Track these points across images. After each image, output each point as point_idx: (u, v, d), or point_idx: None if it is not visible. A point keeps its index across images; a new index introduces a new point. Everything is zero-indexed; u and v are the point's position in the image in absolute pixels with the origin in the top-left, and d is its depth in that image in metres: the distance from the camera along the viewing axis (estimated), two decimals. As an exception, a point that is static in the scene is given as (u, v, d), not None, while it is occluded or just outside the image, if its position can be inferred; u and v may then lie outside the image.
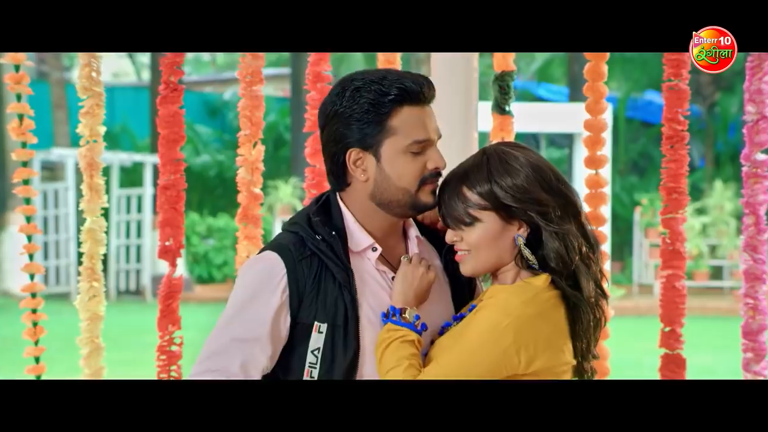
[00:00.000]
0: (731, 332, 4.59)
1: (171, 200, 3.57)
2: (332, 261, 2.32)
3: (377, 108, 2.29)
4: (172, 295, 3.57)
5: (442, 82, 3.34)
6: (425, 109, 2.33)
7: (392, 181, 2.32)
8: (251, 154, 3.66)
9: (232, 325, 2.33)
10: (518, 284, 2.32)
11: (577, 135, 13.89)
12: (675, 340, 3.41)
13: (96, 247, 3.57)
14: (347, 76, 2.34)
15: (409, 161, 2.32)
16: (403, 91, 2.29)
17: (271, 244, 2.38)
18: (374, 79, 2.30)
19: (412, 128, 2.30)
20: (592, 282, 2.34)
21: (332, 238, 2.33)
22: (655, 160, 18.61)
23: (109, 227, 15.43)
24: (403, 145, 2.31)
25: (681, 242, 3.42)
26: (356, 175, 2.34)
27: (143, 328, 11.18)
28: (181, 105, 3.59)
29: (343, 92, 2.31)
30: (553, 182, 2.33)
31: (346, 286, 2.30)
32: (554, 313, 2.29)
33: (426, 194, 2.34)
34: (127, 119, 20.47)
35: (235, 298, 2.36)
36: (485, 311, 2.27)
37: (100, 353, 3.60)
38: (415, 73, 2.33)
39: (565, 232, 2.31)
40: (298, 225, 2.37)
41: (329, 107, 2.33)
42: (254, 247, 3.65)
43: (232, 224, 16.71)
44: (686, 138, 3.40)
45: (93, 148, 3.57)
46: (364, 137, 2.30)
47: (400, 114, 2.30)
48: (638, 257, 16.52)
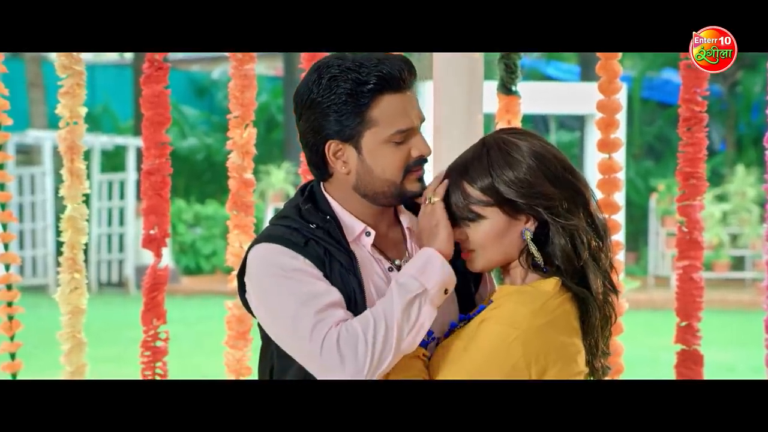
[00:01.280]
0: (753, 327, 4.61)
1: (156, 186, 3.58)
2: (332, 245, 2.32)
3: (356, 98, 2.29)
4: (157, 287, 3.57)
5: (443, 62, 3.36)
6: (406, 94, 2.33)
7: (375, 174, 2.34)
8: (242, 138, 3.66)
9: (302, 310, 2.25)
10: (526, 291, 2.31)
11: (589, 117, 13.87)
12: (692, 336, 3.42)
13: (77, 236, 3.58)
14: (323, 61, 2.33)
15: (392, 151, 2.32)
16: (382, 80, 2.29)
17: (260, 239, 2.36)
18: (351, 66, 2.29)
19: (394, 117, 2.31)
20: (600, 278, 2.35)
21: (328, 223, 2.34)
22: (672, 143, 18.60)
23: (90, 215, 15.47)
24: (384, 136, 2.31)
25: (699, 231, 3.43)
26: (337, 167, 2.35)
27: (126, 322, 11.20)
28: (166, 84, 3.59)
29: (319, 80, 2.31)
30: (559, 172, 2.32)
31: (351, 269, 2.32)
32: (565, 320, 2.29)
33: (412, 182, 2.36)
34: (109, 99, 20.47)
35: (271, 297, 2.30)
36: (492, 325, 2.26)
37: (82, 349, 3.61)
38: (394, 57, 2.32)
39: (573, 228, 2.31)
40: (289, 218, 2.37)
41: (305, 95, 2.33)
42: (246, 237, 3.65)
43: (221, 212, 16.72)
44: (705, 120, 3.41)
45: (74, 130, 3.57)
46: (343, 129, 2.31)
47: (380, 103, 2.30)
48: (654, 247, 16.53)
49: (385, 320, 2.22)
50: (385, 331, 2.21)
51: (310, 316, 2.23)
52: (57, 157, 3.53)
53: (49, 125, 16.83)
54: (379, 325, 2.22)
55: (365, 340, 2.20)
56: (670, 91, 19.77)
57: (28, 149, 16.42)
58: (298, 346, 2.26)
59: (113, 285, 15.85)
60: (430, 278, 2.27)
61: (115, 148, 16.74)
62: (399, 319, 2.22)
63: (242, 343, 3.66)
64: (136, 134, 16.20)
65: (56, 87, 3.57)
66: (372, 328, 2.21)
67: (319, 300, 2.25)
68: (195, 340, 10.33)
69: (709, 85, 3.40)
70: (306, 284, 2.27)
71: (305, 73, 2.39)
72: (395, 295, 2.24)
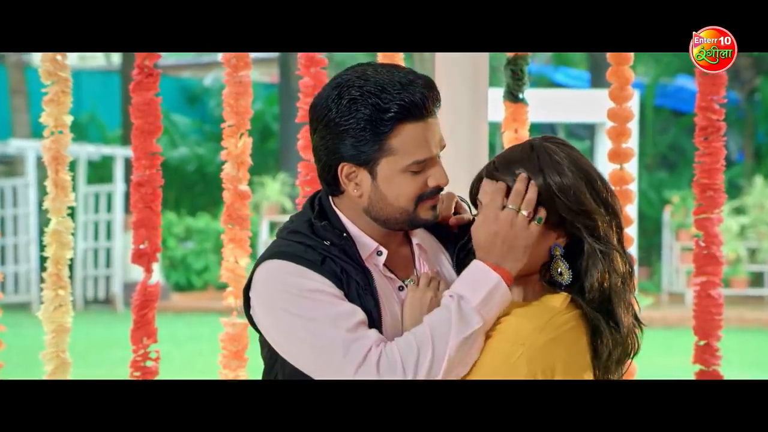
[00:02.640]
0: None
1: (146, 198, 3.58)
2: (348, 264, 2.33)
3: (375, 126, 2.28)
4: (146, 305, 3.57)
5: (447, 67, 3.36)
6: (428, 122, 2.32)
7: (388, 201, 2.34)
8: (237, 147, 3.67)
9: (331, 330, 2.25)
10: (533, 306, 2.30)
11: (599, 125, 13.89)
12: (711, 356, 3.42)
13: (62, 250, 3.57)
14: (344, 78, 2.32)
15: (408, 181, 2.33)
16: (403, 108, 2.28)
17: (272, 254, 2.36)
18: (373, 90, 2.28)
19: (414, 147, 2.31)
20: (625, 309, 2.32)
21: (343, 240, 2.35)
22: (687, 153, 18.61)
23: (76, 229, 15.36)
24: (402, 166, 2.32)
25: (717, 245, 3.42)
26: (349, 188, 2.36)
27: (114, 341, 11.19)
28: (156, 91, 3.59)
29: (339, 99, 2.30)
30: (603, 191, 2.32)
31: (367, 289, 2.32)
32: (572, 337, 2.28)
33: (425, 210, 2.36)
34: (96, 107, 20.47)
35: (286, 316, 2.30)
36: (495, 341, 2.25)
37: (67, 370, 3.60)
38: (417, 81, 2.31)
39: (609, 252, 2.30)
40: (301, 234, 2.37)
41: (322, 112, 2.33)
42: (241, 252, 3.65)
43: (213, 225, 16.73)
44: (722, 128, 3.41)
45: (59, 139, 3.57)
46: (359, 154, 2.31)
47: (400, 132, 2.30)
48: (668, 262, 16.53)
49: (432, 350, 2.21)
50: (430, 363, 2.21)
51: (342, 335, 2.23)
52: (41, 168, 3.53)
53: (32, 134, 16.82)
54: (424, 353, 2.21)
55: (406, 368, 2.20)
56: (685, 99, 19.78)
57: (10, 160, 16.43)
58: (321, 364, 2.26)
59: (100, 302, 15.84)
60: (491, 310, 2.26)
61: (102, 159, 16.74)
62: (452, 356, 2.22)
63: (237, 363, 3.65)
64: (124, 144, 16.21)
65: (40, 94, 3.57)
66: (415, 355, 2.21)
67: (349, 319, 2.25)
68: (186, 360, 10.32)
69: (726, 92, 3.40)
70: (331, 305, 2.27)
71: (325, 85, 2.36)
72: (453, 327, 2.23)
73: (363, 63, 2.36)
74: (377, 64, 2.35)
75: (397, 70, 2.32)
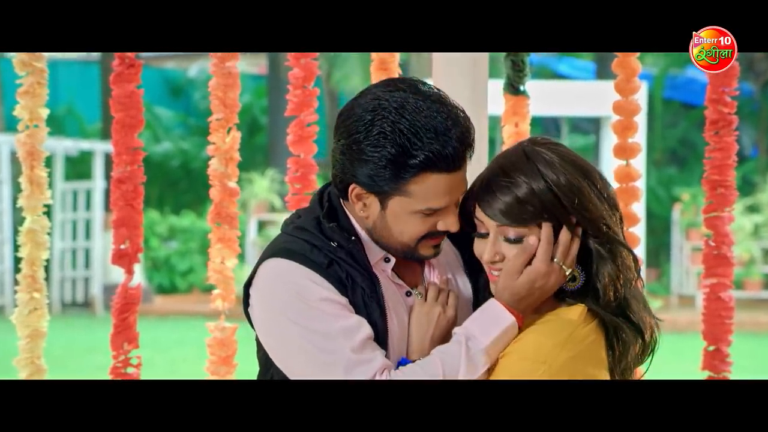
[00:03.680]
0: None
1: (127, 196, 3.58)
2: (355, 269, 2.35)
3: (397, 168, 2.29)
4: (128, 308, 3.57)
5: (445, 58, 3.36)
6: (454, 175, 2.32)
7: (392, 233, 2.37)
8: (225, 142, 3.67)
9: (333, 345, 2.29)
10: (550, 321, 2.32)
11: (605, 119, 13.91)
12: (721, 362, 3.42)
13: (37, 251, 3.57)
14: (383, 104, 2.30)
15: (417, 222, 2.35)
16: (430, 160, 2.28)
17: (277, 251, 2.38)
18: (406, 130, 2.27)
19: (432, 196, 2.32)
20: (642, 304, 2.35)
21: (351, 243, 2.37)
22: (697, 148, 18.62)
23: (52, 228, 15.36)
24: (415, 209, 2.34)
25: (728, 245, 3.43)
26: (356, 207, 2.38)
27: (93, 346, 11.19)
28: (138, 83, 3.59)
29: (370, 126, 2.30)
30: (602, 186, 2.33)
31: (374, 296, 2.34)
32: (592, 351, 2.30)
33: (426, 248, 2.39)
34: (73, 100, 20.46)
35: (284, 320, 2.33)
36: (514, 360, 2.27)
37: (42, 376, 3.60)
38: (455, 129, 2.29)
39: (618, 250, 2.32)
40: (308, 232, 2.38)
41: (350, 129, 2.33)
42: (229, 252, 3.65)
43: (199, 224, 16.71)
44: (734, 122, 3.41)
45: (34, 134, 3.57)
46: (374, 184, 2.33)
47: (422, 180, 2.31)
48: (677, 263, 16.54)
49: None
50: None
51: (346, 354, 2.27)
52: (15, 163, 3.52)
53: (6, 128, 16.81)
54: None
55: None
56: (695, 91, 19.78)
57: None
58: (317, 373, 2.28)
59: (78, 305, 15.83)
60: (500, 349, 2.31)
61: (81, 154, 16.72)
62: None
63: (225, 369, 3.65)
64: (104, 138, 16.19)
65: (14, 86, 3.57)
66: None
67: (354, 336, 2.28)
68: (170, 367, 10.32)
69: (739, 83, 3.41)
70: (336, 317, 2.29)
71: (363, 96, 2.35)
72: (462, 367, 2.27)
73: (411, 84, 2.34)
74: (423, 92, 2.32)
75: (439, 111, 2.30)
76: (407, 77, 2.40)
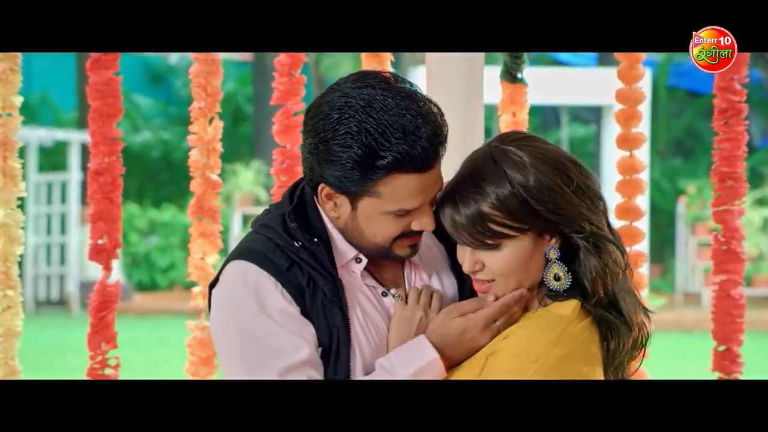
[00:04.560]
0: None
1: (105, 188, 3.57)
2: (317, 271, 2.34)
3: (364, 170, 2.28)
4: (106, 306, 3.57)
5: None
6: (425, 174, 2.31)
7: (364, 234, 2.37)
8: (207, 132, 3.66)
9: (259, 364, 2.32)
10: (542, 317, 2.32)
11: (607, 108, 13.93)
12: (731, 362, 3.43)
13: (11, 246, 3.57)
14: (350, 102, 2.28)
15: (389, 222, 2.35)
16: (398, 161, 2.27)
17: (240, 252, 2.39)
18: (372, 130, 2.25)
19: (403, 197, 2.31)
20: (632, 298, 2.36)
21: (314, 245, 2.36)
22: (704, 138, 18.66)
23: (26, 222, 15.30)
24: (386, 210, 2.33)
25: (738, 240, 3.43)
26: (326, 207, 2.38)
27: (69, 346, 11.17)
28: (116, 70, 3.59)
29: (337, 125, 2.28)
30: (579, 178, 2.33)
31: (335, 300, 2.34)
32: (585, 348, 2.31)
33: (402, 248, 2.39)
34: (48, 88, 20.45)
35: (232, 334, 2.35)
36: (505, 357, 2.27)
37: (17, 378, 3.60)
38: (425, 128, 2.27)
39: (602, 243, 2.32)
40: (272, 230, 2.38)
41: (317, 127, 2.31)
42: (211, 247, 3.65)
43: (180, 218, 16.71)
44: (744, 111, 3.41)
45: (7, 123, 3.56)
46: (342, 185, 2.32)
47: (391, 182, 2.30)
48: (683, 259, 16.57)
49: None
50: None
51: (273, 373, 2.29)
52: (-12, 154, 3.51)
53: (-22, 117, 16.78)
54: None
55: None
56: (702, 78, 19.75)
57: (-46, 145, 16.38)
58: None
59: (53, 303, 15.83)
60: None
61: (56, 144, 16.72)
62: None
63: (206, 370, 3.65)
64: (80, 128, 16.17)
65: (-13, 73, 3.56)
66: None
67: (289, 358, 2.30)
68: (150, 367, 10.33)
69: (748, 70, 3.41)
70: (277, 336, 2.31)
71: (331, 92, 2.34)
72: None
73: (381, 79, 2.32)
74: (393, 88, 2.30)
75: (408, 108, 2.28)
76: (380, 70, 2.37)
